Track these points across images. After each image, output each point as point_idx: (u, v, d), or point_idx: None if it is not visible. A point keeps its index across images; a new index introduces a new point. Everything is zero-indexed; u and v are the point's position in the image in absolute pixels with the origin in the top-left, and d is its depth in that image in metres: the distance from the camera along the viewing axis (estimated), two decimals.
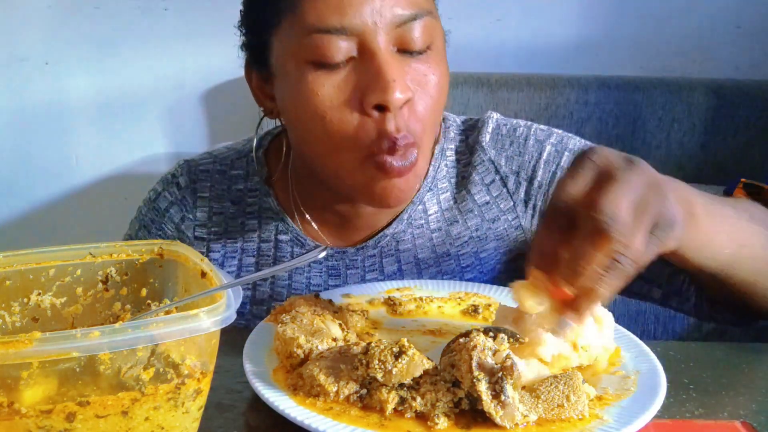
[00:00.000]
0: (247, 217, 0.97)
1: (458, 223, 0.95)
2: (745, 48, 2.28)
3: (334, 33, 0.76)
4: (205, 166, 1.00)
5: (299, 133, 0.85)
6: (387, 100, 0.75)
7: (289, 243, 0.96)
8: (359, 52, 0.77)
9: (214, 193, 0.98)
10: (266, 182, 0.98)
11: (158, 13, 2.22)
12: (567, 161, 0.93)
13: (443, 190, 0.96)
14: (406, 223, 0.95)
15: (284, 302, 0.79)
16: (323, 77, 0.78)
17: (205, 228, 0.97)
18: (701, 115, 2.13)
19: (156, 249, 0.69)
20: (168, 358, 0.55)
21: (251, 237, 0.97)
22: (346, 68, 0.78)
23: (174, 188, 0.99)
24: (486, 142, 0.96)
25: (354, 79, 0.78)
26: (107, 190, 2.38)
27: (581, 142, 0.96)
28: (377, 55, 0.76)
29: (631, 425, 0.57)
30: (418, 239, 0.95)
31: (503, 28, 2.27)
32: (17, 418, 0.50)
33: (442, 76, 0.81)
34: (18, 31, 2.23)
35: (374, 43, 0.76)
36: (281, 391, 0.63)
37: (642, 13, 2.26)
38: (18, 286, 0.65)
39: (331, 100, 0.78)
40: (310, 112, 0.79)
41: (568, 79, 2.15)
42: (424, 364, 0.60)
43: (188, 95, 2.30)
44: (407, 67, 0.78)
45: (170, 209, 0.98)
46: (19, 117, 2.29)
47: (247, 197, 0.98)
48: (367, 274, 0.95)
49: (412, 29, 0.78)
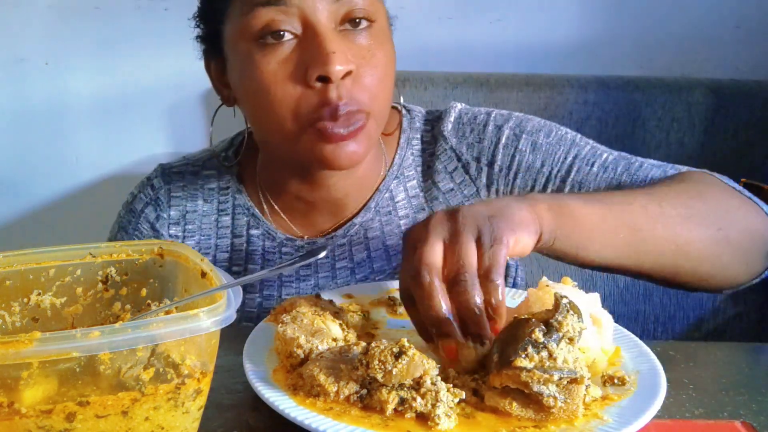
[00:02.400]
0: (220, 214, 1.01)
1: (425, 211, 0.98)
2: (745, 48, 2.28)
3: (274, 5, 0.81)
4: (179, 168, 1.05)
5: (250, 111, 0.90)
6: (327, 71, 0.79)
7: (261, 237, 0.99)
8: (303, 29, 0.82)
9: (187, 192, 1.02)
10: (237, 179, 1.01)
11: (158, 13, 2.22)
12: (524, 144, 0.96)
13: (410, 178, 1.00)
14: (374, 211, 0.98)
15: (285, 302, 0.79)
16: (269, 55, 0.82)
17: (179, 226, 1.01)
18: (701, 115, 2.13)
19: (156, 249, 0.69)
20: (168, 358, 0.55)
21: (224, 233, 1.00)
22: (290, 45, 0.82)
23: (148, 189, 1.04)
24: (448, 131, 0.99)
25: (297, 55, 0.82)
26: (107, 190, 2.38)
27: (540, 122, 0.98)
28: (318, 29, 0.81)
29: (631, 425, 0.57)
30: (386, 226, 0.98)
31: (503, 28, 2.26)
32: (17, 418, 0.50)
33: (387, 53, 0.86)
34: (18, 31, 2.23)
35: (314, 18, 0.81)
36: (281, 391, 0.63)
37: (642, 13, 2.26)
38: (18, 286, 0.65)
39: (275, 75, 0.82)
40: (256, 88, 0.83)
41: (568, 79, 2.15)
42: (424, 364, 0.60)
43: (188, 95, 2.30)
44: (350, 42, 0.82)
45: (145, 209, 1.02)
46: (19, 117, 2.29)
47: (220, 195, 1.02)
48: (337, 262, 0.97)
49: (352, 3, 0.82)
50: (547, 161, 0.95)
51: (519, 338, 0.60)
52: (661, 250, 0.79)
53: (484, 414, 0.61)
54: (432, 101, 1.85)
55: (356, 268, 0.97)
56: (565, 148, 0.95)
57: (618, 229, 0.76)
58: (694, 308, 1.50)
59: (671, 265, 0.80)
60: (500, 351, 0.61)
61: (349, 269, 0.97)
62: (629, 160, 0.94)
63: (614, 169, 0.92)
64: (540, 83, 2.14)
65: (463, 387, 0.63)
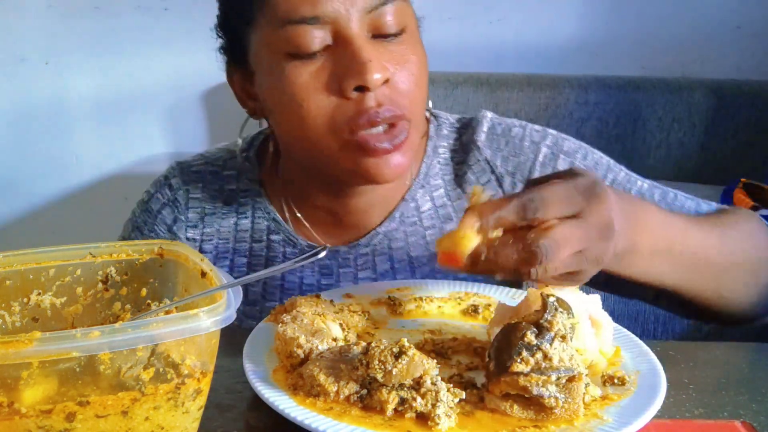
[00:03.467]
0: (239, 217, 0.97)
1: (452, 221, 0.95)
2: (745, 48, 2.28)
3: (307, 23, 0.77)
4: (197, 168, 1.00)
5: (282, 126, 0.86)
6: (365, 80, 0.76)
7: (281, 243, 0.96)
8: (334, 39, 0.78)
9: (207, 193, 0.98)
10: (258, 182, 0.98)
11: (158, 13, 2.22)
12: (562, 164, 0.93)
13: (436, 188, 0.96)
14: (399, 221, 0.95)
15: (285, 302, 0.79)
16: (300, 67, 0.79)
17: (197, 229, 0.98)
18: (701, 115, 2.13)
19: (156, 249, 0.69)
20: (168, 358, 0.55)
21: (243, 237, 0.97)
22: (322, 57, 0.79)
23: (166, 189, 0.99)
24: (482, 141, 0.96)
25: (330, 66, 0.78)
26: (107, 190, 2.38)
27: (575, 143, 0.96)
28: (352, 40, 0.77)
29: (631, 425, 0.57)
30: (410, 237, 0.95)
31: (503, 28, 2.27)
32: (17, 418, 0.50)
33: (421, 58, 0.83)
34: (18, 31, 2.23)
35: (348, 30, 0.78)
36: (281, 391, 0.63)
37: (642, 13, 2.26)
38: (18, 286, 0.65)
39: (308, 88, 0.79)
40: (289, 102, 0.80)
41: (568, 79, 2.15)
42: (424, 364, 0.60)
43: (188, 95, 2.31)
44: (383, 50, 0.79)
45: (162, 210, 0.98)
46: (19, 117, 2.29)
47: (239, 197, 0.98)
48: (359, 272, 0.95)
49: (384, 14, 0.79)
50: None
51: (512, 343, 0.60)
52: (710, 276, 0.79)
53: (484, 414, 0.61)
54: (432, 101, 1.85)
55: (379, 279, 0.94)
56: (602, 172, 0.93)
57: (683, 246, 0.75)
58: None
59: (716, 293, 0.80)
60: (495, 358, 0.61)
61: (372, 279, 0.94)
62: (663, 190, 0.92)
63: (650, 197, 0.91)
64: (540, 83, 2.15)
65: (464, 387, 0.63)
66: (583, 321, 0.67)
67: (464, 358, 0.72)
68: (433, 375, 0.60)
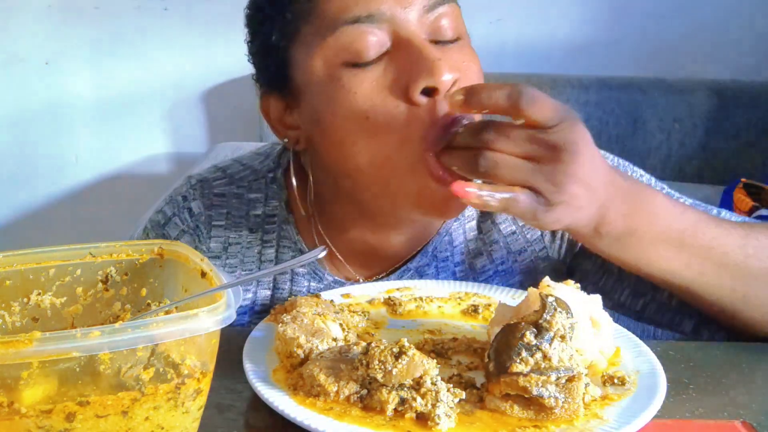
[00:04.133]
0: (264, 246, 0.89)
1: (482, 256, 0.90)
2: (745, 48, 2.28)
3: (363, 22, 0.70)
4: (221, 189, 0.91)
5: (338, 149, 0.76)
6: (435, 80, 0.69)
7: (306, 276, 0.89)
8: (393, 42, 0.72)
9: (231, 221, 0.89)
10: (286, 208, 0.89)
11: (158, 13, 2.22)
12: None
13: (469, 219, 0.90)
14: (431, 256, 0.89)
15: (285, 302, 0.79)
16: (360, 75, 0.71)
17: (219, 260, 0.89)
18: (702, 115, 2.13)
19: (156, 249, 0.69)
20: (168, 358, 0.55)
21: (266, 267, 0.89)
22: (381, 63, 0.72)
23: (186, 214, 0.90)
24: None
25: (393, 70, 0.71)
26: (107, 190, 2.38)
27: (614, 160, 0.90)
28: (413, 40, 0.71)
29: (631, 425, 0.57)
30: (441, 273, 0.90)
31: (503, 28, 2.27)
32: (17, 418, 0.50)
33: (480, 68, 0.77)
34: (18, 31, 2.23)
35: (408, 29, 0.71)
36: (281, 391, 0.63)
37: (642, 13, 2.26)
38: (18, 286, 0.65)
39: (372, 97, 0.71)
40: (350, 116, 0.72)
41: (568, 79, 2.15)
42: (424, 365, 0.60)
43: (188, 95, 2.30)
44: (445, 53, 0.72)
45: (181, 239, 0.89)
46: (19, 117, 2.29)
47: (266, 224, 0.90)
48: None
49: (441, 16, 0.73)
50: None
51: (511, 344, 0.60)
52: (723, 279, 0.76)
53: (484, 414, 0.61)
54: None
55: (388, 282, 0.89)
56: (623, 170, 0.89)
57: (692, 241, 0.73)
58: None
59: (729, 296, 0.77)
60: (495, 359, 0.61)
61: (380, 282, 0.89)
62: (705, 207, 0.88)
63: None
64: (540, 83, 2.14)
65: (464, 387, 0.63)
66: (583, 321, 0.67)
67: (464, 358, 0.72)
68: (433, 375, 0.60)
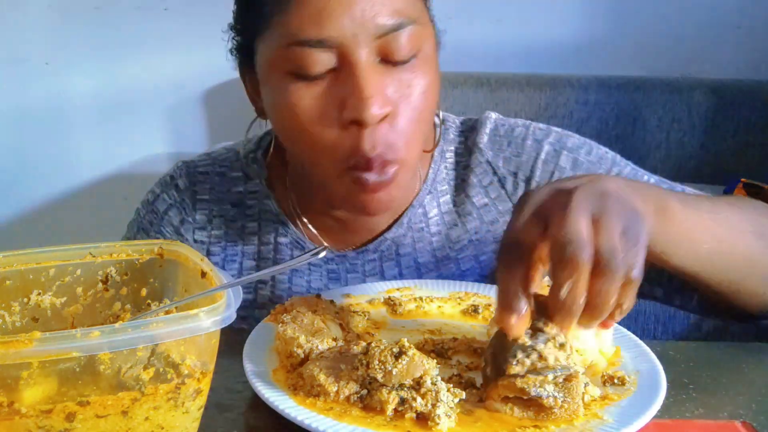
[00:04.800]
0: (247, 219, 0.96)
1: (457, 227, 0.95)
2: (745, 48, 2.28)
3: (313, 46, 0.74)
4: (204, 168, 0.99)
5: (284, 140, 0.86)
6: (362, 117, 0.73)
7: (289, 246, 0.95)
8: (339, 63, 0.75)
9: (214, 195, 0.97)
10: (266, 184, 0.97)
11: (158, 13, 2.22)
12: (565, 161, 0.93)
13: (443, 193, 0.95)
14: (406, 227, 0.94)
15: (285, 302, 0.79)
16: (303, 89, 0.76)
17: (205, 231, 0.96)
18: (701, 115, 2.13)
19: (156, 249, 0.69)
20: (168, 358, 0.55)
21: (251, 240, 0.96)
22: (326, 79, 0.76)
23: (173, 190, 0.98)
24: (483, 143, 0.95)
25: (334, 91, 0.76)
26: (107, 190, 2.38)
27: (580, 139, 0.96)
28: (356, 68, 0.74)
29: (631, 425, 0.57)
30: (418, 243, 0.94)
31: (503, 28, 2.27)
32: (17, 418, 0.50)
33: (431, 83, 0.79)
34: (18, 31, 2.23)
35: (354, 56, 0.74)
36: (281, 391, 0.63)
37: (642, 13, 2.26)
38: (18, 286, 0.65)
39: (311, 113, 0.77)
40: (291, 124, 0.79)
41: (568, 79, 2.15)
42: (424, 364, 0.60)
43: (188, 95, 2.31)
44: (390, 77, 0.76)
45: (169, 212, 0.97)
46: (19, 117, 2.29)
47: (247, 200, 0.97)
48: (367, 278, 0.94)
49: (395, 39, 0.75)
50: None
51: (507, 347, 0.60)
52: (737, 265, 0.76)
53: (484, 414, 0.61)
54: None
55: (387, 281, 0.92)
56: (606, 167, 0.92)
57: (705, 238, 0.72)
58: None
59: (738, 280, 0.78)
60: (492, 362, 0.61)
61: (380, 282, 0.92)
62: (670, 185, 0.91)
63: None
64: (540, 83, 2.15)
65: (464, 387, 0.63)
66: None
67: (464, 358, 0.72)
68: (434, 375, 0.60)
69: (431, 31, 0.81)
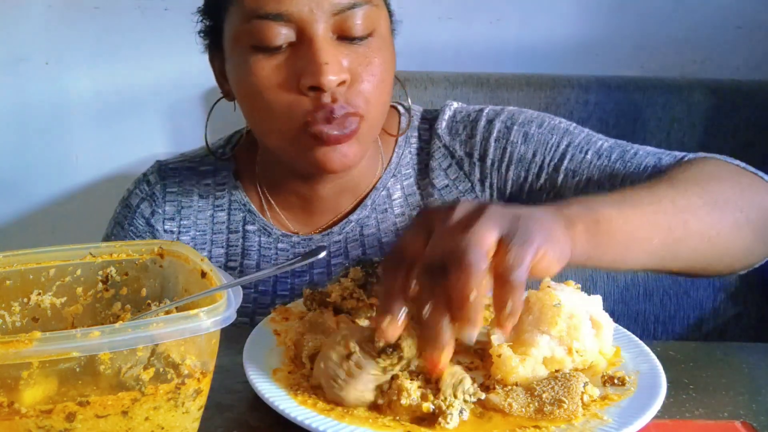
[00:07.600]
0: (216, 210, 1.02)
1: None
2: (745, 48, 2.28)
3: (272, 19, 0.81)
4: (175, 165, 1.05)
5: (245, 112, 0.91)
6: (319, 82, 0.80)
7: (257, 233, 1.00)
8: (298, 37, 0.82)
9: (183, 187, 1.03)
10: (234, 176, 1.02)
11: (158, 13, 2.22)
12: (516, 135, 0.96)
13: (406, 177, 1.01)
14: (370, 209, 0.99)
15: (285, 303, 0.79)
16: (263, 60, 0.83)
17: (174, 221, 1.02)
18: (701, 115, 2.13)
19: (156, 249, 0.69)
20: (168, 358, 0.55)
21: (220, 229, 1.01)
22: (285, 52, 0.83)
23: (144, 185, 1.04)
24: (442, 129, 1.00)
25: (292, 62, 0.83)
26: (107, 190, 2.37)
27: (534, 113, 0.99)
28: (314, 40, 0.81)
29: (631, 425, 0.57)
30: (382, 224, 0.99)
31: (503, 28, 2.26)
32: (17, 418, 0.50)
33: (386, 61, 0.86)
34: (18, 31, 2.22)
35: (311, 30, 0.81)
36: (281, 391, 0.63)
37: (642, 13, 2.26)
38: (18, 286, 0.65)
39: (269, 81, 0.83)
40: (251, 92, 0.85)
41: (568, 79, 2.15)
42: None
43: (188, 95, 2.30)
44: (347, 51, 0.83)
45: (141, 205, 1.02)
46: (19, 117, 2.29)
47: (216, 191, 1.02)
48: (332, 259, 0.98)
49: (351, 17, 0.82)
50: (539, 150, 0.95)
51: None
52: (695, 246, 0.75)
53: (485, 413, 0.61)
54: (432, 101, 1.85)
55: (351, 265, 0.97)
56: (558, 137, 0.95)
57: (653, 234, 0.71)
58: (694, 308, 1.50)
59: (703, 258, 0.77)
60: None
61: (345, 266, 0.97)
62: (624, 148, 0.93)
63: (608, 156, 0.92)
64: (540, 83, 2.14)
65: None
66: (584, 321, 0.67)
67: (464, 358, 0.72)
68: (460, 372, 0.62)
69: (386, 14, 0.89)
